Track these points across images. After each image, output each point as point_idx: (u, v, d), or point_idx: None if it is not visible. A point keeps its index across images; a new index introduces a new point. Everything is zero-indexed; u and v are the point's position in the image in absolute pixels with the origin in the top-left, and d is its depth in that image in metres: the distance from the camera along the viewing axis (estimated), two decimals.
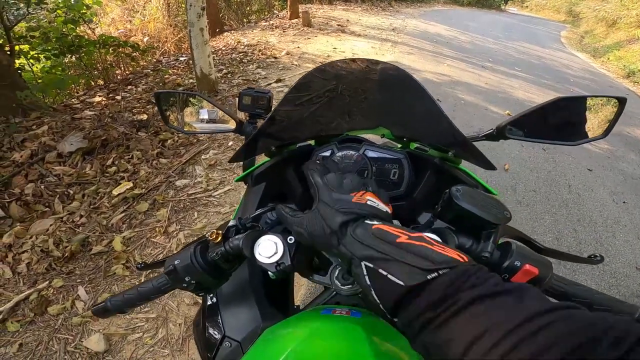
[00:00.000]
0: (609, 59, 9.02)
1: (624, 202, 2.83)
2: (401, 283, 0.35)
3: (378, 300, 0.37)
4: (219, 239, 0.54)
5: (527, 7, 22.50)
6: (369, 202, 0.46)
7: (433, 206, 0.58)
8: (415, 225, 0.60)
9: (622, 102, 0.70)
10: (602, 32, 12.22)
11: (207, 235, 0.56)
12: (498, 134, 0.73)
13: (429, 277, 0.34)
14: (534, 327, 0.27)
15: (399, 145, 0.82)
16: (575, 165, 3.30)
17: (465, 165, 0.74)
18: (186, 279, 0.53)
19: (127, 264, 1.91)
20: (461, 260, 0.36)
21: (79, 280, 1.82)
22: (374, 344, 0.44)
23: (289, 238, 0.53)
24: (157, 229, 2.13)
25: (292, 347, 0.43)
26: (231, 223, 0.58)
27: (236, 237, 0.54)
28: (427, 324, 0.33)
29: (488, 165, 0.64)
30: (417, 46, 7.06)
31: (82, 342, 1.56)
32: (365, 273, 0.38)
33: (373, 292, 0.38)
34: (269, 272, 0.52)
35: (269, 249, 0.51)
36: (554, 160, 3.34)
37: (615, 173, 3.28)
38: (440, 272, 0.34)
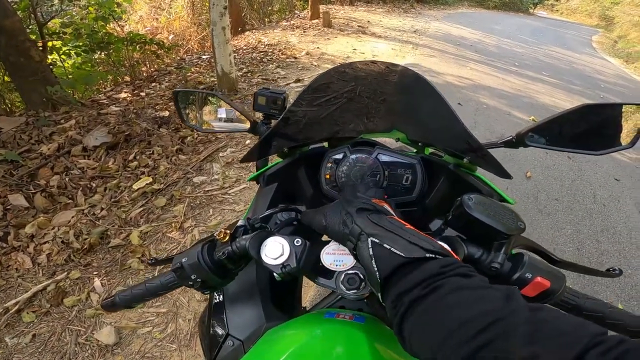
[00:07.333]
0: None
1: None
2: (402, 254, 0.39)
3: (376, 269, 0.40)
4: (227, 238, 0.54)
5: (557, 10, 21.64)
6: (385, 207, 0.52)
7: (445, 213, 0.57)
8: (425, 233, 0.59)
9: None
10: (636, 37, 11.64)
11: (215, 235, 0.56)
12: (517, 142, 0.70)
13: (427, 255, 0.38)
14: (520, 321, 0.29)
15: (414, 150, 0.81)
16: (602, 175, 3.16)
17: (481, 172, 0.72)
18: (192, 277, 0.54)
19: (143, 257, 1.95)
20: (454, 257, 0.40)
21: (95, 273, 1.87)
22: (375, 350, 0.44)
23: (295, 240, 0.52)
24: (173, 224, 2.17)
25: (292, 349, 0.43)
26: (240, 223, 0.58)
27: (243, 237, 0.54)
28: (415, 303, 0.35)
29: (504, 174, 0.62)
30: (439, 49, 6.94)
31: (93, 334, 1.60)
32: (370, 246, 0.42)
33: (373, 262, 0.41)
34: (274, 274, 0.52)
35: (275, 251, 0.51)
36: (579, 169, 3.20)
37: None
38: (437, 256, 0.38)
